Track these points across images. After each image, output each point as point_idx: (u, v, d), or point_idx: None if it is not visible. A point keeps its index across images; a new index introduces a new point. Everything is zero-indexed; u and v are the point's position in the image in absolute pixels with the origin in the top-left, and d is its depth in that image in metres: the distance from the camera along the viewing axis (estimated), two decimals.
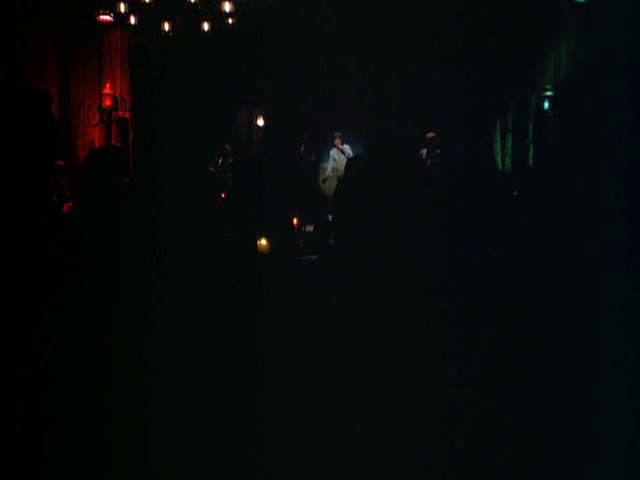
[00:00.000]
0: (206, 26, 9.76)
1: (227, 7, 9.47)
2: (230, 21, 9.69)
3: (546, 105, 9.86)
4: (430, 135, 10.63)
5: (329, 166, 11.85)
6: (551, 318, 2.81)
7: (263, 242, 3.69)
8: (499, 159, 11.16)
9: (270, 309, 3.04)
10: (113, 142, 9.83)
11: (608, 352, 2.58)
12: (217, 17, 9.62)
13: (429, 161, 10.26)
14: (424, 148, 10.55)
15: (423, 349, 2.70)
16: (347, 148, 11.66)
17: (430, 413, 2.62)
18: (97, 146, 9.49)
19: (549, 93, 9.93)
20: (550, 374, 2.73)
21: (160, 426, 2.53)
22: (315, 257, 4.44)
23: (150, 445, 2.49)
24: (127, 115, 10.43)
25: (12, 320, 2.07)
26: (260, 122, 13.01)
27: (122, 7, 9.06)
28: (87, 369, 2.46)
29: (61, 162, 7.62)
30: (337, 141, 11.71)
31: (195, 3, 9.40)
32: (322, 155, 12.33)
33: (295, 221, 6.33)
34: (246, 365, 2.81)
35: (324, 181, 11.94)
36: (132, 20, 9.31)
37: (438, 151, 10.40)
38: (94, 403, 2.41)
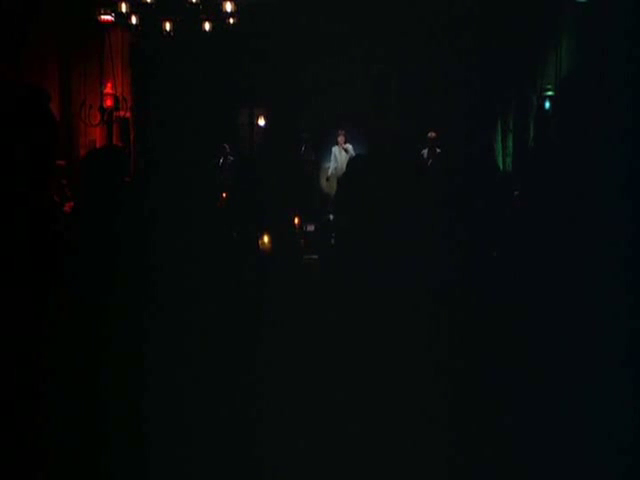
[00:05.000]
0: (207, 26, 9.76)
1: (228, 7, 9.48)
2: (231, 21, 9.70)
3: (547, 105, 9.86)
4: (431, 135, 10.64)
5: (331, 165, 11.86)
6: (552, 318, 2.81)
7: (265, 240, 3.68)
8: (500, 159, 11.16)
9: (271, 308, 3.04)
10: (114, 142, 9.83)
11: (609, 352, 2.58)
12: (218, 17, 9.62)
13: (430, 161, 10.27)
14: (425, 148, 10.56)
15: (424, 349, 2.70)
16: (349, 147, 11.65)
17: (430, 413, 2.62)
18: (98, 145, 9.49)
19: (550, 93, 9.93)
20: (551, 375, 2.73)
21: (159, 426, 2.54)
22: (316, 256, 4.44)
23: (149, 445, 2.49)
24: (128, 115, 10.44)
25: (12, 320, 2.07)
26: (261, 122, 13.03)
27: (123, 7, 9.07)
28: (87, 370, 2.46)
29: (62, 162, 7.62)
30: (340, 139, 11.69)
31: (196, 3, 9.41)
32: (323, 155, 12.34)
33: (296, 221, 6.34)
34: (246, 365, 2.81)
35: (327, 179, 11.94)
36: (133, 20, 9.32)
37: (439, 151, 10.41)
38: (93, 403, 2.41)
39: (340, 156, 11.69)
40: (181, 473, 2.54)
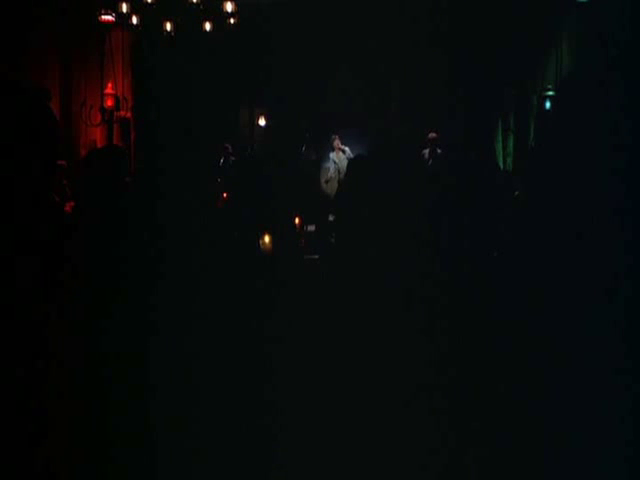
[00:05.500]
0: (208, 26, 9.77)
1: (229, 7, 9.48)
2: (232, 21, 9.70)
3: (547, 105, 9.85)
4: (432, 135, 10.63)
5: (331, 167, 11.87)
6: (553, 317, 2.81)
7: (266, 240, 3.68)
8: (500, 159, 11.16)
9: (271, 308, 3.04)
10: (115, 142, 9.83)
11: (609, 351, 2.59)
12: (219, 17, 9.62)
13: (430, 161, 10.26)
14: (426, 148, 10.55)
15: (424, 348, 2.70)
16: (347, 149, 11.67)
17: (430, 412, 2.63)
18: (99, 146, 9.49)
19: (550, 93, 9.93)
20: (551, 374, 2.73)
21: (162, 425, 2.54)
22: (317, 256, 4.44)
23: (154, 444, 2.49)
24: (128, 115, 10.44)
25: (14, 318, 2.08)
26: (262, 122, 13.02)
27: (124, 7, 9.07)
28: (90, 367, 2.46)
29: (63, 162, 7.62)
30: (336, 143, 11.71)
31: (197, 3, 9.41)
32: (323, 155, 12.33)
33: (297, 221, 6.33)
34: (248, 363, 2.81)
35: (327, 182, 11.95)
36: (134, 20, 9.33)
37: (440, 151, 10.40)
38: (97, 401, 2.42)
39: (339, 158, 11.70)
40: (185, 470, 2.54)
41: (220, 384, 2.71)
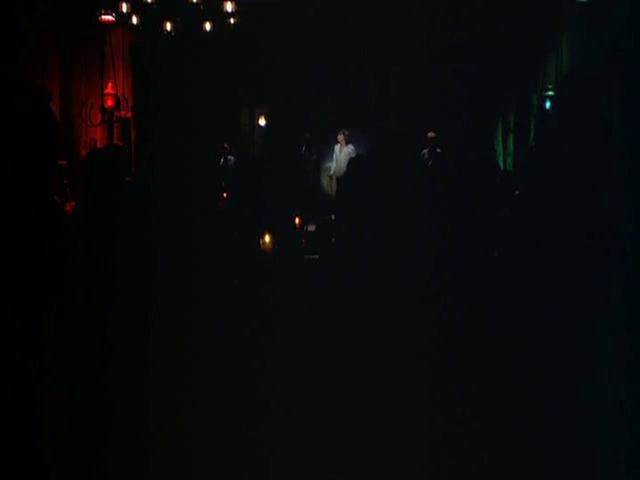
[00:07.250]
0: (208, 26, 9.79)
1: (229, 7, 9.50)
2: (232, 21, 9.71)
3: (547, 104, 9.86)
4: (431, 135, 10.64)
5: (333, 164, 11.93)
6: (553, 317, 2.82)
7: (266, 240, 3.69)
8: (500, 158, 11.16)
9: (272, 308, 3.04)
10: (115, 142, 9.83)
11: (608, 350, 2.59)
12: (219, 17, 9.64)
13: (430, 161, 10.27)
14: (425, 148, 10.56)
15: (424, 348, 2.71)
16: (351, 148, 11.67)
17: (431, 412, 2.63)
18: (99, 145, 9.49)
19: (550, 92, 9.94)
20: (551, 373, 2.73)
21: (159, 426, 2.54)
22: (317, 256, 4.44)
23: (150, 444, 2.50)
24: (129, 115, 10.46)
25: (13, 319, 2.08)
26: (262, 122, 13.04)
27: (124, 7, 9.08)
28: (88, 368, 2.47)
29: (63, 162, 7.62)
30: (340, 138, 11.74)
31: (197, 3, 9.43)
32: (324, 154, 12.35)
33: (297, 221, 6.34)
34: (247, 364, 2.82)
35: (330, 177, 12.01)
36: (134, 20, 9.34)
37: (439, 151, 10.41)
38: (94, 402, 2.42)
39: (340, 156, 11.72)
40: (182, 471, 2.54)
41: (219, 385, 2.71)
